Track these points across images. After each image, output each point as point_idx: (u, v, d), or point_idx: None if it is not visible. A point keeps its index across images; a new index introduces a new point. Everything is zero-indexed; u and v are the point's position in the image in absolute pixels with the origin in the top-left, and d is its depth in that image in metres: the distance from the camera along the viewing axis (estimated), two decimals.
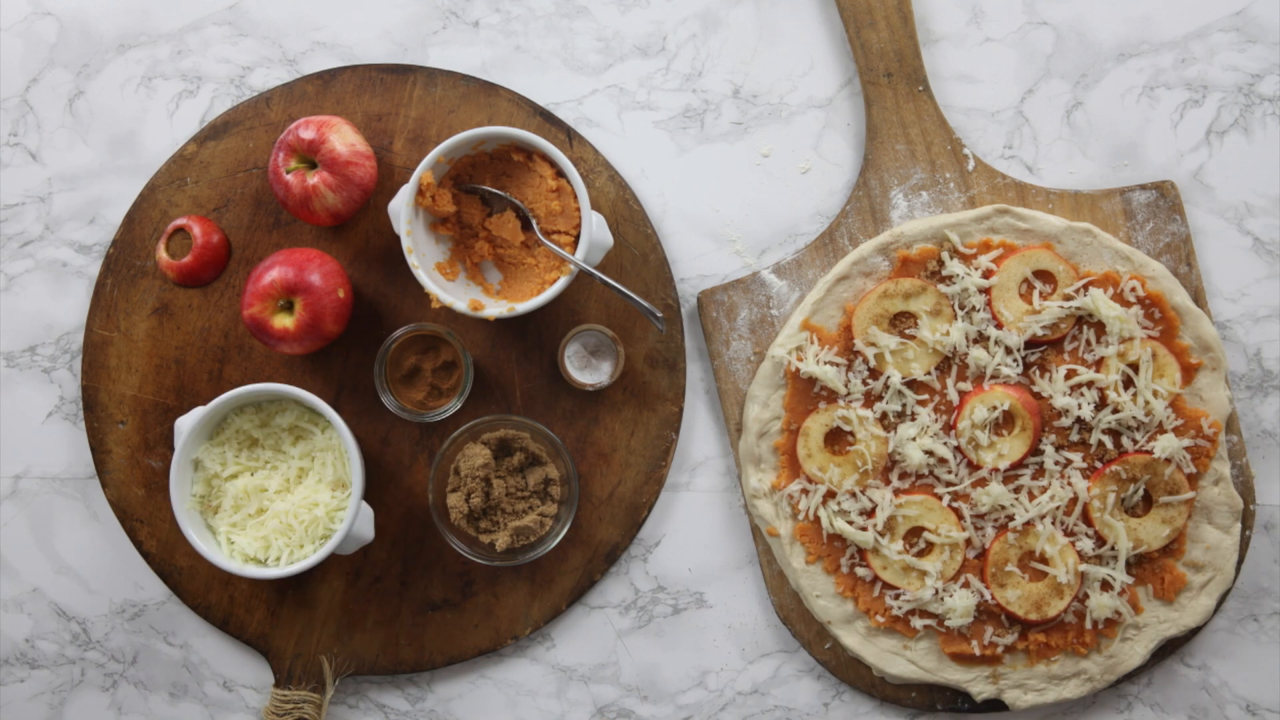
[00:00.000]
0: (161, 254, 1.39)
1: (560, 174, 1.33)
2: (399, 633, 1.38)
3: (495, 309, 1.31)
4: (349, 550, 1.31)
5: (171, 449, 1.39)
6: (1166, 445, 1.29)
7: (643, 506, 1.39)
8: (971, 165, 1.37)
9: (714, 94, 1.42)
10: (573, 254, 1.31)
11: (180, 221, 1.39)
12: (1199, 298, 1.35)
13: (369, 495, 1.38)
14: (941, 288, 1.32)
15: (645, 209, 1.40)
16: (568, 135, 1.40)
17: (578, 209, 1.33)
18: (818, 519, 1.33)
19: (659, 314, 1.30)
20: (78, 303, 1.43)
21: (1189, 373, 1.31)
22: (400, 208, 1.31)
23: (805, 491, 1.33)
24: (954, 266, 1.32)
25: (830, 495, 1.33)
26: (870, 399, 1.33)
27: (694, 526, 1.40)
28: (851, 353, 1.33)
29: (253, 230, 1.41)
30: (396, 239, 1.37)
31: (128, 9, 1.45)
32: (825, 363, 1.32)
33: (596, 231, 1.30)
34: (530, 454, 1.36)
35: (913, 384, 1.33)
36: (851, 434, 1.33)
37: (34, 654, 1.43)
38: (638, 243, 1.39)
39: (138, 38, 1.44)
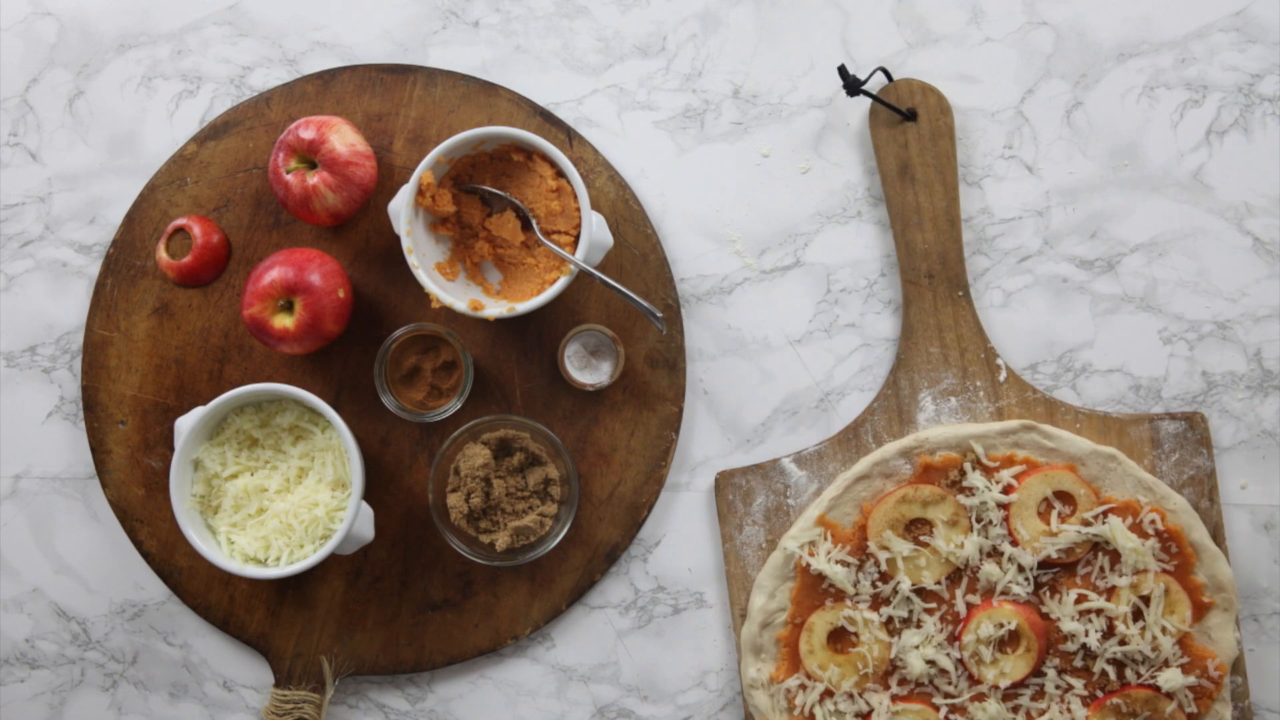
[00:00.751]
0: (161, 254, 1.39)
1: (560, 174, 1.33)
2: (399, 633, 1.38)
3: (495, 309, 1.31)
4: (349, 550, 1.31)
5: (171, 449, 1.39)
6: (1170, 679, 1.28)
7: (643, 506, 1.39)
8: (1003, 376, 1.36)
9: (714, 94, 1.42)
10: (573, 254, 1.31)
11: (180, 221, 1.39)
12: (1218, 534, 1.34)
13: (369, 495, 1.38)
14: (961, 498, 1.31)
15: (645, 209, 1.40)
16: (568, 135, 1.40)
17: (578, 209, 1.33)
18: (813, 716, 1.32)
19: (659, 314, 1.30)
20: (78, 303, 1.43)
21: (1200, 610, 1.30)
22: (400, 208, 1.31)
23: (803, 687, 1.32)
24: (975, 479, 1.31)
25: (828, 694, 1.32)
26: (878, 601, 1.32)
27: (694, 526, 1.40)
28: (864, 553, 1.32)
29: (253, 230, 1.41)
30: (396, 239, 1.37)
31: (128, 9, 1.45)
32: (837, 561, 1.32)
33: (596, 231, 1.30)
34: (530, 454, 1.36)
35: (922, 591, 1.32)
36: (855, 635, 1.31)
37: (34, 654, 1.43)
38: (638, 243, 1.39)
39: (138, 38, 1.44)
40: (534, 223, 1.34)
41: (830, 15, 1.41)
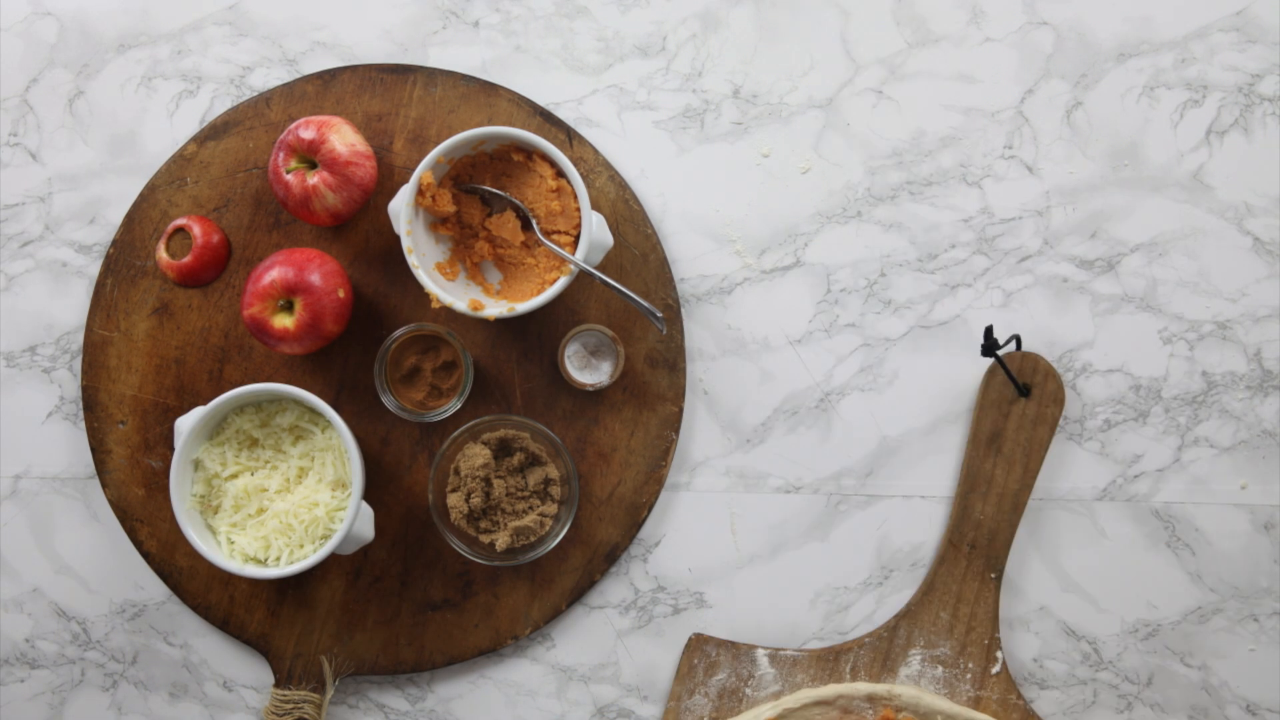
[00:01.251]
0: (161, 254, 1.39)
1: (560, 174, 1.33)
2: (399, 633, 1.38)
3: (495, 309, 1.31)
4: (349, 550, 1.31)
5: (171, 449, 1.39)
6: None
7: (643, 506, 1.39)
8: (997, 669, 1.35)
9: (714, 94, 1.42)
10: (573, 254, 1.31)
11: (180, 221, 1.39)
12: None
13: (369, 495, 1.38)
14: None
15: (645, 209, 1.40)
16: (568, 135, 1.40)
17: (578, 209, 1.33)
18: None
19: (659, 314, 1.30)
20: (78, 303, 1.43)
21: None
22: (400, 208, 1.31)
23: None
24: None
25: None
26: None
27: (694, 526, 1.40)
28: None
29: (253, 230, 1.41)
30: (396, 239, 1.38)
31: (128, 9, 1.45)
32: None
33: (596, 231, 1.30)
34: (530, 454, 1.36)
35: None
36: None
37: (34, 654, 1.43)
38: (638, 243, 1.39)
39: (138, 38, 1.44)
40: (534, 223, 1.34)
41: (830, 15, 1.41)
